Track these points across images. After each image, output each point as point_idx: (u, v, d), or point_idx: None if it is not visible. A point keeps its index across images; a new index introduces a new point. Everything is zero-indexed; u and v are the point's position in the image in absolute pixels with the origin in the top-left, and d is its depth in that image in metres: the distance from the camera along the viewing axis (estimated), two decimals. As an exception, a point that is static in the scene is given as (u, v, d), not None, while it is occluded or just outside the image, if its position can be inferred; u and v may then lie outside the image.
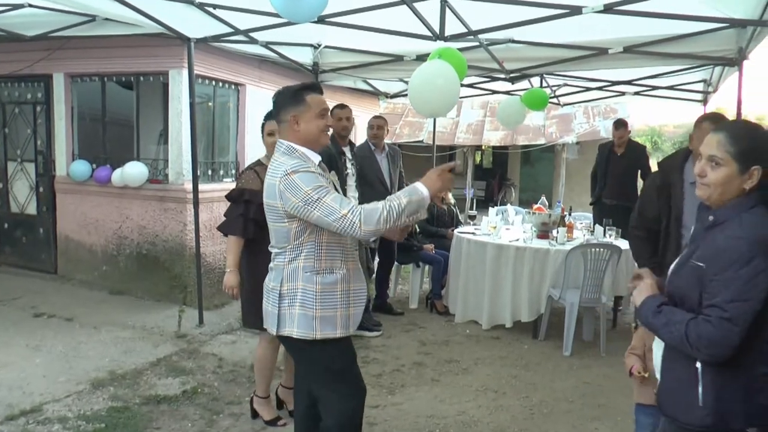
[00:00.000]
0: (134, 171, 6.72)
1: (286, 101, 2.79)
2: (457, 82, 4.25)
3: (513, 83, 7.36)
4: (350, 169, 5.55)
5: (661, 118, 31.55)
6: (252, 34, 5.97)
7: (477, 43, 5.69)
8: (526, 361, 5.52)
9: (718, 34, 5.22)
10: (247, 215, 3.76)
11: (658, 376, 2.21)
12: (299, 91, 2.77)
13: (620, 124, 7.54)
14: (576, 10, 4.55)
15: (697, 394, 1.98)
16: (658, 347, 2.22)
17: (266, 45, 6.31)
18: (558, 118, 17.50)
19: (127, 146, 7.18)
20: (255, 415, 4.09)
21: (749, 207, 1.98)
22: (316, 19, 4.87)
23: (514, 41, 5.73)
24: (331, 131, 4.30)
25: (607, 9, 4.47)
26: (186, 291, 6.61)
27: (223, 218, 3.94)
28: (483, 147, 18.82)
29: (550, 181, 19.26)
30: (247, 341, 5.71)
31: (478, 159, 19.76)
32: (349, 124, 5.65)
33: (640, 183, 7.71)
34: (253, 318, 3.74)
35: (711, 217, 2.05)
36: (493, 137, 17.52)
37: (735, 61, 5.40)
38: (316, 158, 2.79)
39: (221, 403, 4.37)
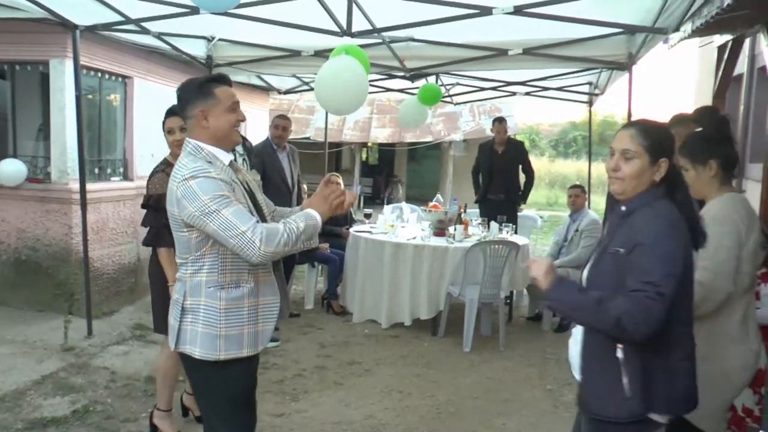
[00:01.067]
0: (10, 169, 6.17)
1: (192, 94, 2.48)
2: (365, 78, 4.18)
3: (413, 81, 7.39)
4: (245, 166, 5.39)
5: (537, 117, 33.09)
6: (144, 24, 5.62)
7: (380, 41, 5.65)
8: (427, 359, 5.57)
9: (611, 39, 5.49)
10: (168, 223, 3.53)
11: (576, 374, 2.24)
12: (206, 83, 2.49)
13: (500, 120, 7.82)
14: (486, 11, 4.59)
15: (623, 385, 2.03)
16: (575, 344, 2.25)
17: (159, 36, 5.97)
18: (445, 116, 17.90)
19: (0, 141, 6.60)
20: (155, 430, 3.85)
21: (658, 197, 2.12)
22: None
23: (414, 40, 5.74)
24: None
25: (517, 11, 4.55)
26: (72, 299, 6.15)
27: (144, 229, 3.69)
28: (370, 144, 18.91)
29: (436, 178, 19.72)
30: (141, 351, 5.39)
31: (365, 156, 19.85)
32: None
33: (522, 177, 8.12)
34: (163, 323, 3.49)
35: (623, 207, 2.18)
36: (380, 134, 17.65)
37: (625, 65, 5.68)
38: (227, 158, 2.54)
39: (116, 421, 4.07)
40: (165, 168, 3.64)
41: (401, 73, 6.64)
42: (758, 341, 2.60)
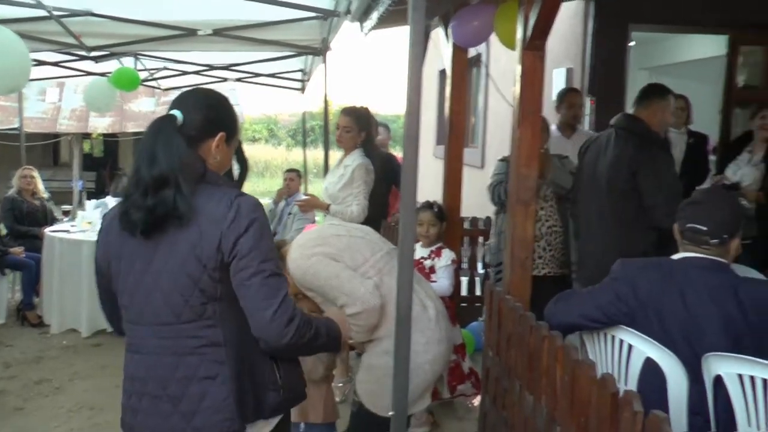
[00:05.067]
0: None
1: None
2: (24, 50, 3.58)
3: (97, 62, 6.69)
4: None
5: (276, 107, 33.23)
6: None
7: (46, 13, 4.95)
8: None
9: (306, 23, 5.43)
10: None
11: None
12: None
13: None
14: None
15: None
16: None
17: None
18: (168, 104, 16.99)
19: None
20: None
21: None
22: None
23: (94, 14, 5.14)
24: None
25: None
26: None
27: None
28: (93, 135, 17.29)
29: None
30: None
31: (87, 148, 18.07)
32: None
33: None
34: None
35: None
36: (100, 124, 16.18)
37: (320, 50, 5.70)
38: None
39: None
40: None
41: (82, 52, 5.95)
42: (441, 329, 2.55)
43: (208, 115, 1.83)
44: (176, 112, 1.78)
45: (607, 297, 2.32)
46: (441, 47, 4.80)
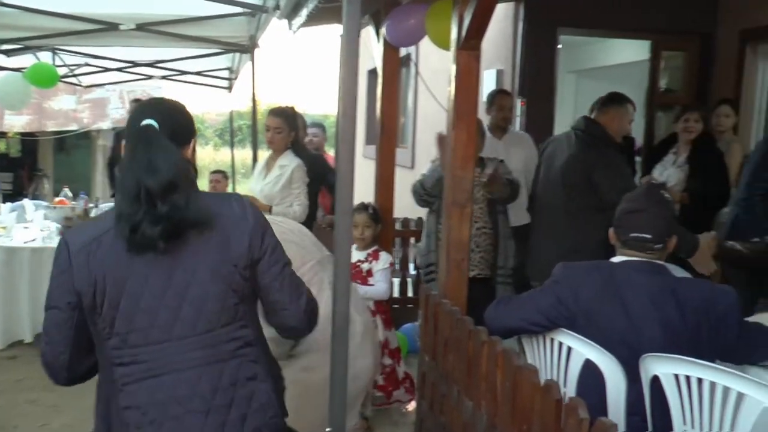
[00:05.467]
0: None
1: None
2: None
3: (9, 56, 6.31)
4: None
5: (203, 105, 32.53)
6: None
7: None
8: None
9: (233, 19, 5.30)
10: None
11: None
12: None
13: None
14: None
15: None
16: None
17: None
18: (91, 103, 16.33)
19: None
20: None
21: None
22: None
23: (3, 4, 4.81)
24: None
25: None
26: None
27: None
28: (9, 134, 16.44)
29: (88, 169, 17.91)
30: None
31: (3, 147, 17.17)
32: None
33: None
34: None
35: None
36: (17, 122, 15.38)
37: (248, 48, 5.54)
38: None
39: None
40: None
41: (-9, 45, 5.60)
42: (366, 343, 2.49)
43: (182, 122, 1.81)
44: (151, 122, 1.69)
45: (548, 300, 2.31)
46: (371, 46, 4.73)
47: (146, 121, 1.69)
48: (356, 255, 3.82)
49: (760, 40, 5.62)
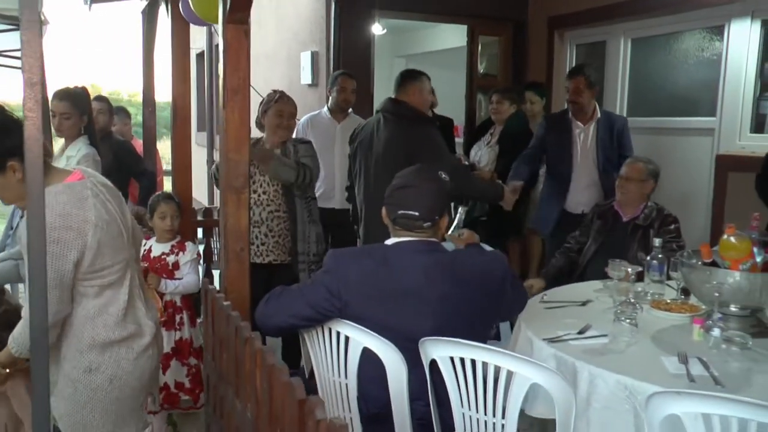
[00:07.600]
0: None
1: None
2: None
3: None
4: None
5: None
6: None
7: None
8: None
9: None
10: None
11: None
12: None
13: None
14: None
15: None
16: None
17: None
18: None
19: None
20: None
21: None
22: None
23: None
24: None
25: None
26: None
27: None
28: None
29: None
30: None
31: None
32: None
33: None
34: None
35: None
36: None
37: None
38: None
39: None
40: None
41: None
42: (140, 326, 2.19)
43: None
44: None
45: (318, 293, 2.16)
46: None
47: None
48: (159, 248, 3.54)
49: (567, 27, 5.88)
